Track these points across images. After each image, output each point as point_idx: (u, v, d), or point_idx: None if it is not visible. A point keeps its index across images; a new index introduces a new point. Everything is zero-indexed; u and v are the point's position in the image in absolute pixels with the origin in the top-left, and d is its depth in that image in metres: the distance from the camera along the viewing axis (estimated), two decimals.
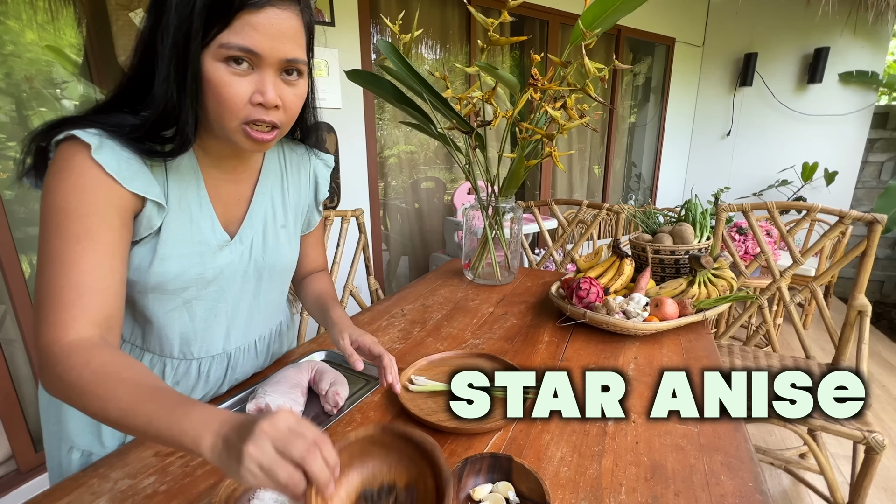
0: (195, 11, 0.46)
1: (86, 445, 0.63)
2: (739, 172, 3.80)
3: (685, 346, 0.90)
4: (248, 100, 0.50)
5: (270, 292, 0.72)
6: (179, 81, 0.48)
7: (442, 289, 1.27)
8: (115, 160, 0.49)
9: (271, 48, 0.49)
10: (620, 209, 1.53)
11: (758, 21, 3.47)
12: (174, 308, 0.61)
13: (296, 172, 0.72)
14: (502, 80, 0.96)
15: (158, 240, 0.56)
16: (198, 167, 0.59)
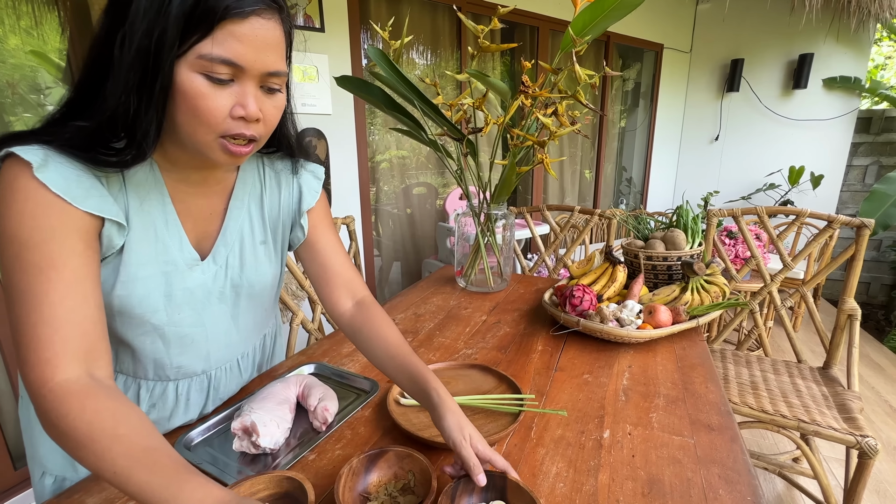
0: (170, 19, 0.41)
1: (59, 471, 0.61)
2: (728, 176, 3.85)
3: (679, 354, 0.90)
4: (229, 113, 0.46)
5: (251, 311, 0.67)
6: (143, 91, 0.43)
7: (434, 297, 1.25)
8: (61, 178, 0.44)
9: (255, 60, 0.45)
10: (612, 215, 1.53)
11: (743, 28, 3.53)
12: (144, 333, 0.57)
13: (276, 185, 0.66)
14: (492, 87, 0.95)
15: (121, 260, 0.52)
16: (162, 181, 0.54)
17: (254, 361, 0.75)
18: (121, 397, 0.44)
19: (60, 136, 0.46)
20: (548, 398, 0.74)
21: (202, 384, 0.66)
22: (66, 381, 0.42)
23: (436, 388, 0.56)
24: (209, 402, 0.68)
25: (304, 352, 0.91)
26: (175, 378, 0.63)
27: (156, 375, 0.61)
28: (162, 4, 0.41)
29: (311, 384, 0.70)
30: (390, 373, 0.62)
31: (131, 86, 0.43)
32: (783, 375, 1.28)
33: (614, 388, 0.77)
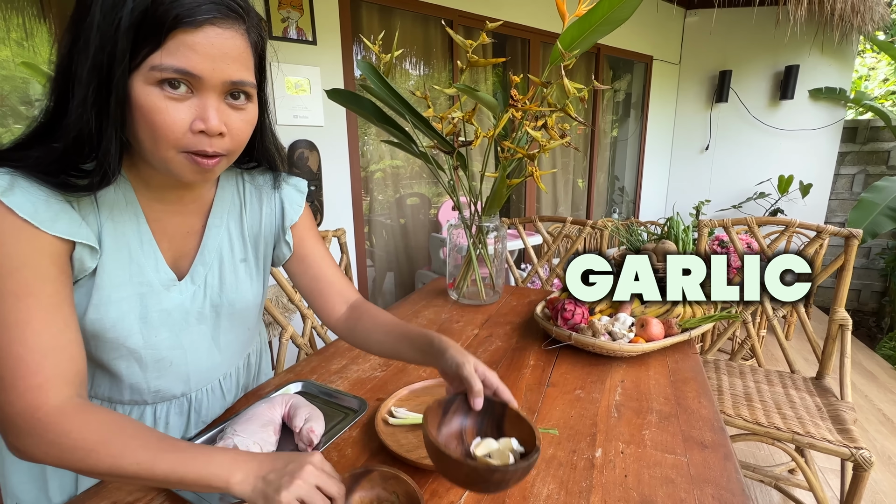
0: (120, 30, 0.40)
1: (31, 502, 0.58)
2: (719, 185, 3.89)
3: (672, 368, 0.89)
4: (189, 127, 0.44)
5: (232, 331, 0.65)
6: (100, 107, 0.42)
7: (426, 310, 1.24)
8: (28, 202, 0.43)
9: (212, 70, 0.43)
10: (604, 226, 1.54)
11: (730, 40, 3.60)
12: (120, 357, 0.55)
13: (257, 201, 0.65)
14: (482, 102, 0.95)
15: (94, 283, 0.50)
16: (136, 200, 0.52)
17: (237, 382, 0.73)
18: (103, 408, 0.46)
19: (27, 160, 0.44)
20: (539, 415, 0.73)
21: (182, 407, 0.64)
22: (60, 403, 0.44)
23: (437, 336, 0.58)
24: (191, 425, 0.66)
25: (291, 369, 0.89)
26: (153, 402, 0.61)
27: (132, 399, 0.60)
28: (114, 16, 0.40)
29: (297, 404, 0.68)
30: (392, 348, 0.63)
31: (90, 103, 0.42)
32: (777, 386, 1.28)
33: (606, 405, 0.76)
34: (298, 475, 0.42)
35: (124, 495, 0.56)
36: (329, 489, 0.44)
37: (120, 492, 0.57)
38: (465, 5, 2.53)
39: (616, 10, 0.92)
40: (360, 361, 0.92)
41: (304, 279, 0.71)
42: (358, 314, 0.68)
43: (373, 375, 0.87)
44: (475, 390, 0.49)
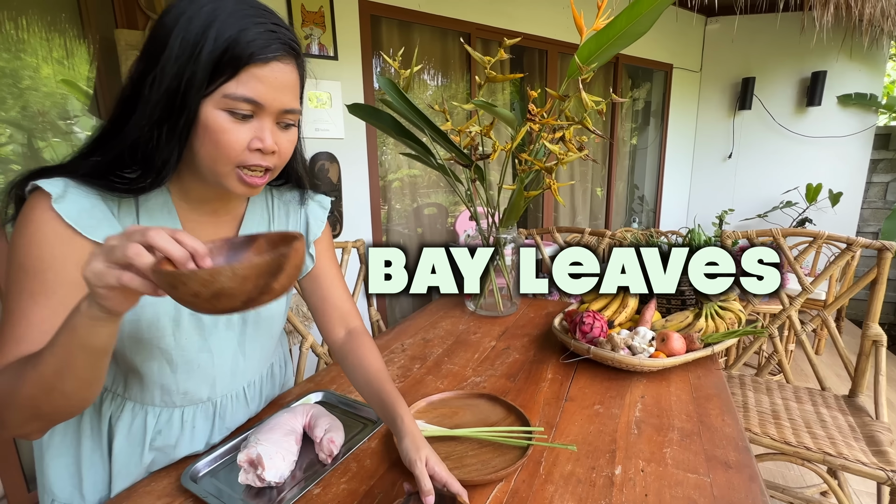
0: (200, 63, 0.46)
1: (66, 499, 0.61)
2: (743, 194, 3.79)
3: (694, 384, 0.87)
4: (247, 145, 0.50)
5: (257, 339, 0.69)
6: (166, 124, 0.48)
7: (443, 321, 1.25)
8: (75, 209, 0.49)
9: (273, 99, 0.50)
10: (623, 237, 1.52)
11: (753, 47, 3.53)
12: (152, 358, 0.59)
13: (284, 216, 0.70)
14: (500, 117, 0.96)
15: None
16: (175, 211, 0.57)
17: (261, 392, 0.75)
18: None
19: (82, 168, 0.50)
20: (557, 430, 0.72)
21: (207, 411, 0.66)
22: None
23: (402, 415, 0.60)
24: (215, 431, 0.68)
25: (312, 378, 0.91)
26: (181, 405, 0.64)
27: (162, 402, 0.62)
28: (193, 51, 0.46)
29: (317, 414, 0.70)
30: (366, 396, 0.67)
31: (155, 120, 0.48)
32: (806, 404, 1.23)
33: (626, 421, 0.75)
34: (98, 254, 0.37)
35: (153, 500, 0.58)
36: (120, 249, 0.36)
37: (150, 496, 0.59)
38: (483, 19, 2.56)
39: (634, 23, 0.92)
40: None
41: (313, 297, 0.75)
42: (351, 346, 0.71)
43: None
44: (425, 490, 0.52)
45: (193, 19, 0.46)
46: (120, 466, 0.61)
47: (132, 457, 0.62)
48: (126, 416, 0.61)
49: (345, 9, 2.09)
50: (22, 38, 1.34)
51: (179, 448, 0.65)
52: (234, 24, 0.47)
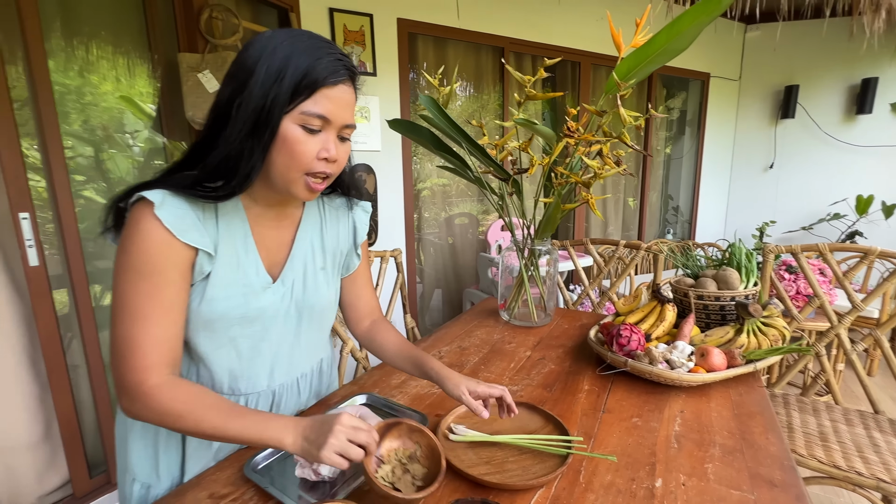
0: (284, 86, 0.55)
1: (145, 478, 0.69)
2: (785, 205, 3.65)
3: (735, 400, 0.86)
4: (316, 155, 0.59)
5: (311, 331, 0.76)
6: (254, 135, 0.57)
7: (478, 330, 1.27)
8: (172, 216, 0.57)
9: (338, 115, 0.59)
10: (659, 249, 1.51)
11: (797, 54, 3.42)
12: (221, 345, 0.66)
13: (335, 220, 0.78)
14: (540, 134, 0.99)
15: (207, 283, 0.63)
16: (245, 217, 0.66)
17: (311, 385, 0.82)
18: (192, 382, 0.60)
19: (175, 181, 0.59)
20: (596, 441, 0.74)
21: (267, 400, 0.73)
22: (159, 381, 0.57)
23: (434, 367, 0.73)
24: None
25: (355, 381, 0.96)
26: (245, 392, 0.71)
27: (230, 388, 0.70)
28: (278, 76, 0.56)
29: (365, 415, 0.74)
30: (398, 364, 0.80)
31: (245, 135, 0.57)
32: (857, 427, 1.18)
33: (665, 434, 0.75)
34: (331, 434, 0.52)
35: (220, 487, 0.64)
36: (358, 438, 0.53)
37: (216, 484, 0.64)
38: (516, 33, 2.61)
39: (674, 40, 0.94)
40: (418, 378, 0.97)
41: (348, 295, 0.86)
42: (375, 330, 0.85)
43: (430, 392, 0.91)
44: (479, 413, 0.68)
45: (276, 51, 0.56)
46: (192, 450, 0.69)
47: (203, 441, 0.69)
48: None
49: (384, 27, 2.19)
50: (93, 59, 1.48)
51: None
52: (310, 55, 0.57)
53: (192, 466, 0.69)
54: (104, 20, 1.49)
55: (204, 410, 0.56)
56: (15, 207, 1.25)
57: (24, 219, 1.27)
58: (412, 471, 0.60)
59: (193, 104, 1.55)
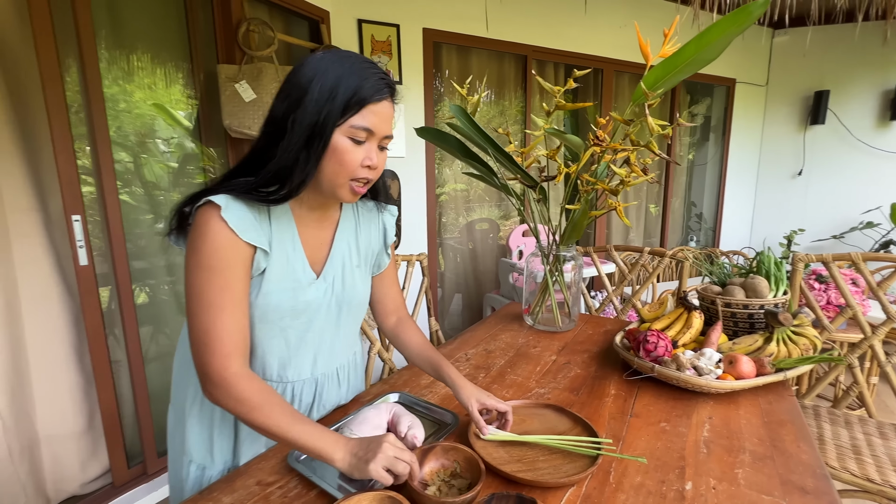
0: (336, 103, 0.62)
1: (200, 460, 0.75)
2: (815, 213, 3.55)
3: (765, 409, 0.86)
4: (360, 163, 0.66)
5: (349, 324, 0.83)
6: (308, 147, 0.63)
7: (503, 333, 1.30)
8: (236, 217, 0.63)
9: (381, 128, 0.66)
10: (684, 257, 1.50)
11: (827, 59, 3.34)
12: (274, 335, 0.73)
13: (367, 222, 0.85)
14: (569, 143, 1.02)
15: (263, 278, 0.69)
16: (292, 218, 0.72)
17: (349, 377, 0.87)
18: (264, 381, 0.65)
19: (235, 186, 0.65)
20: (625, 443, 0.75)
21: (311, 388, 0.80)
22: (238, 370, 0.63)
23: (450, 374, 0.78)
24: (314, 408, 0.80)
25: (386, 380, 0.99)
26: (292, 380, 0.77)
27: (279, 377, 0.75)
28: (331, 94, 0.62)
29: (399, 412, 0.77)
30: (420, 365, 0.86)
31: (300, 146, 0.63)
32: (892, 441, 1.15)
33: (694, 439, 0.76)
34: (380, 450, 0.58)
35: (266, 475, 0.68)
36: (403, 457, 0.59)
37: (262, 472, 0.68)
38: (539, 41, 2.63)
39: (703, 51, 0.95)
40: None
41: (377, 292, 0.91)
42: (401, 329, 0.91)
43: None
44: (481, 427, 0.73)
45: (328, 72, 0.63)
46: (245, 434, 0.75)
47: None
48: None
49: (410, 38, 2.24)
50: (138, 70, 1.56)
51: None
52: (358, 76, 0.63)
53: (244, 450, 0.75)
54: (151, 34, 1.58)
55: (273, 408, 0.61)
56: (69, 210, 1.33)
57: (76, 221, 1.36)
58: (457, 485, 0.63)
59: (230, 113, 1.63)
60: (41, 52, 1.25)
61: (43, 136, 1.32)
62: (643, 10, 2.90)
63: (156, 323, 1.68)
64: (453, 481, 0.64)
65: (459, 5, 2.36)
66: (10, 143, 1.27)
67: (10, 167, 1.27)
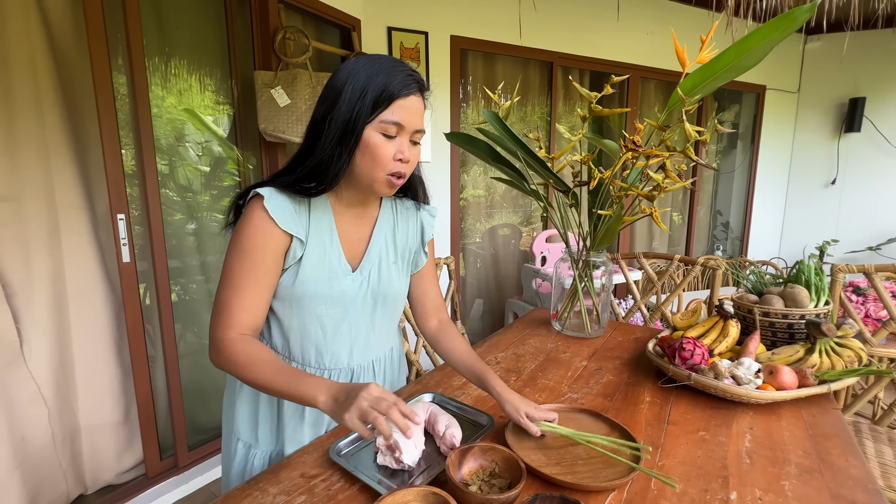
0: (366, 101, 0.66)
1: (247, 438, 0.80)
2: (848, 224, 3.44)
3: (808, 421, 0.84)
4: (392, 157, 0.68)
5: (384, 317, 0.85)
6: (341, 143, 0.67)
7: (531, 338, 1.29)
8: (276, 207, 0.69)
9: (411, 122, 0.69)
10: (717, 265, 1.48)
11: (864, 65, 3.25)
12: (310, 321, 0.76)
13: (405, 220, 0.87)
14: (606, 148, 1.02)
15: (300, 266, 0.73)
16: (331, 213, 0.76)
17: (385, 371, 0.89)
18: (260, 343, 0.69)
19: (279, 182, 0.71)
20: (663, 451, 0.74)
21: (347, 377, 0.82)
22: (236, 336, 0.68)
23: (494, 385, 0.77)
24: None
25: (419, 381, 1.00)
26: (329, 367, 0.80)
27: (317, 363, 0.79)
28: (362, 93, 0.66)
29: (436, 412, 0.78)
30: (462, 373, 0.85)
31: (335, 143, 0.67)
32: None
33: (736, 449, 0.75)
34: (356, 398, 0.57)
35: (309, 468, 0.69)
36: (380, 407, 0.56)
37: (306, 465, 0.70)
38: (565, 48, 2.64)
39: (743, 57, 0.94)
40: None
41: (415, 291, 0.93)
42: (443, 333, 0.91)
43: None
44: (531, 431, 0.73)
45: (360, 73, 0.67)
46: (287, 418, 0.78)
47: (297, 408, 0.79)
48: None
49: (437, 44, 2.28)
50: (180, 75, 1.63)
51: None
52: (387, 74, 0.67)
53: (288, 436, 0.79)
54: (193, 41, 1.65)
55: (259, 364, 0.65)
56: (115, 209, 1.40)
57: (120, 219, 1.42)
58: (497, 484, 0.64)
59: (266, 118, 1.68)
60: (94, 58, 1.32)
61: (92, 137, 1.39)
62: (671, 16, 2.87)
63: (185, 321, 1.74)
64: (493, 481, 0.65)
65: (487, 13, 2.39)
66: (64, 143, 1.34)
67: (63, 166, 1.34)
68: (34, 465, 1.32)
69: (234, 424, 0.81)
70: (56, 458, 1.38)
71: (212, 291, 1.77)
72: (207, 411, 1.81)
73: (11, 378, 1.27)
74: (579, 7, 2.62)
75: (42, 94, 1.29)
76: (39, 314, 1.33)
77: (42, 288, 1.33)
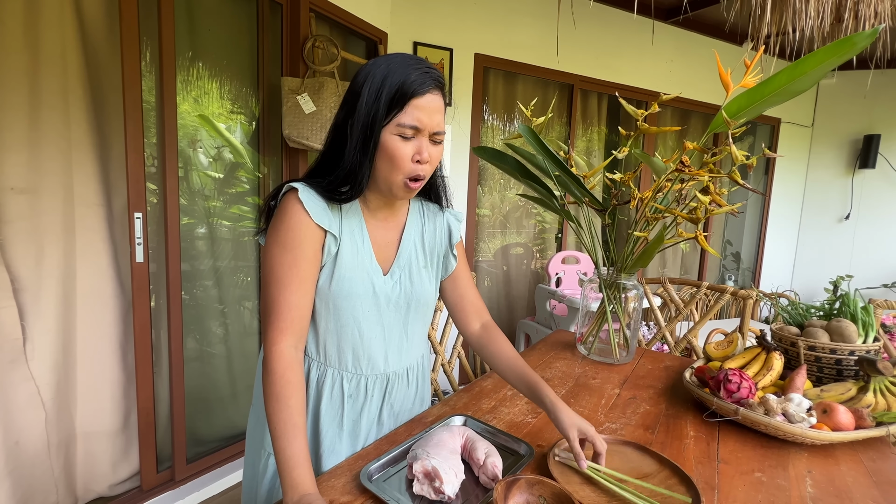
0: (381, 104, 0.64)
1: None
2: (863, 259, 3.41)
3: (869, 467, 0.78)
4: (411, 158, 0.66)
5: (416, 323, 0.82)
6: (364, 150, 0.66)
7: (556, 362, 1.24)
8: (310, 200, 0.68)
9: (428, 122, 0.66)
10: (748, 294, 1.43)
11: (878, 102, 3.28)
12: (346, 324, 0.74)
13: (432, 224, 0.85)
14: (652, 167, 0.99)
15: (336, 263, 0.71)
16: (362, 217, 0.75)
17: (418, 379, 0.86)
18: (301, 376, 0.65)
19: (313, 183, 0.70)
20: (720, 493, 0.68)
21: (382, 384, 0.80)
22: (285, 347, 0.64)
23: (547, 394, 0.74)
24: (384, 406, 0.80)
25: (446, 402, 0.95)
26: (366, 373, 0.77)
27: (354, 367, 0.76)
28: (377, 95, 0.64)
29: (472, 437, 0.73)
30: (510, 380, 0.81)
31: (358, 148, 0.66)
32: None
33: (799, 495, 0.69)
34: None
35: (338, 495, 0.63)
36: None
37: (334, 491, 0.64)
38: (585, 71, 2.66)
39: (795, 81, 0.92)
40: (508, 404, 0.95)
41: (452, 295, 0.89)
42: (488, 338, 0.86)
43: (525, 420, 0.88)
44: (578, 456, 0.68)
45: (376, 75, 0.64)
46: (326, 426, 0.75)
47: (334, 417, 0.75)
48: (328, 380, 0.76)
49: (462, 62, 2.29)
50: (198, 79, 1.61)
51: (363, 415, 0.78)
52: (402, 72, 0.64)
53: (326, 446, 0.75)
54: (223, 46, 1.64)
55: (281, 406, 0.60)
56: (132, 207, 1.36)
57: (137, 218, 1.38)
58: None
59: (290, 123, 1.66)
60: (126, 57, 1.31)
61: (115, 135, 1.36)
62: (691, 47, 2.91)
63: (189, 326, 1.68)
64: None
65: (511, 34, 2.41)
66: (87, 140, 1.32)
67: (84, 162, 1.31)
68: (26, 472, 1.25)
69: (263, 442, 0.76)
70: (49, 466, 1.30)
71: (219, 297, 1.72)
72: (209, 422, 1.73)
73: (11, 378, 1.21)
74: (605, 32, 2.64)
75: (70, 87, 1.27)
76: (46, 312, 1.28)
77: (51, 284, 1.28)
